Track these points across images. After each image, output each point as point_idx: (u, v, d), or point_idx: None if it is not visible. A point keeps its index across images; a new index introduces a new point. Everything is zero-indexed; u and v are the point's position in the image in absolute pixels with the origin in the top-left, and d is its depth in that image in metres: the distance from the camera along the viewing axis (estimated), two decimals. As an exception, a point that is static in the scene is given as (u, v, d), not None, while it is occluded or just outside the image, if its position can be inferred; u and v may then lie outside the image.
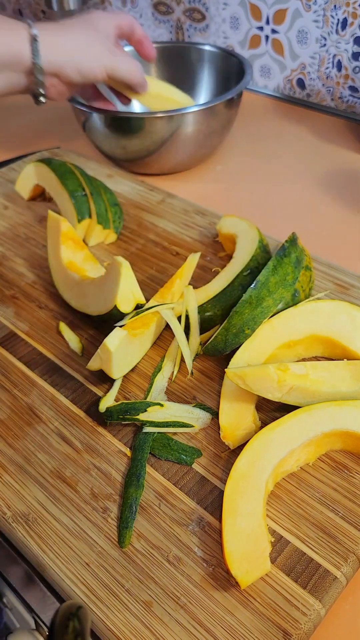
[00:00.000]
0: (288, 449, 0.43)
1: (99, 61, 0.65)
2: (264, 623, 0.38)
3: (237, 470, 0.43)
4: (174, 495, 0.45)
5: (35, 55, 0.61)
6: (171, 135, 0.74)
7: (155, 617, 0.38)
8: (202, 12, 1.02)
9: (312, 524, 0.42)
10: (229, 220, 0.63)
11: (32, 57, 0.61)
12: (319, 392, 0.47)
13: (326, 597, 0.39)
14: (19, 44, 0.61)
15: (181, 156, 0.79)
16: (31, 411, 0.51)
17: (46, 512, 0.44)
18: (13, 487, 0.46)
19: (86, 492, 0.45)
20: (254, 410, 0.49)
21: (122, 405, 0.48)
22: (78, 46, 0.64)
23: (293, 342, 0.51)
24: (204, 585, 0.40)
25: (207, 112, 0.74)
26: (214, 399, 0.51)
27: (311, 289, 0.57)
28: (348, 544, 0.41)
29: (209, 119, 0.75)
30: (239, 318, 0.51)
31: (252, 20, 0.96)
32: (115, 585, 0.40)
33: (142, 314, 0.53)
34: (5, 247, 0.70)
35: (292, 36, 0.93)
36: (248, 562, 0.39)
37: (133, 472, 0.46)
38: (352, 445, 0.46)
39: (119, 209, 0.70)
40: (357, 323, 0.51)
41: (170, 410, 0.49)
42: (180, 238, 0.68)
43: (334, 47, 0.89)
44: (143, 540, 0.42)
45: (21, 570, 0.43)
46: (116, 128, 0.75)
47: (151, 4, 1.09)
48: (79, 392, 0.53)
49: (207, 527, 0.43)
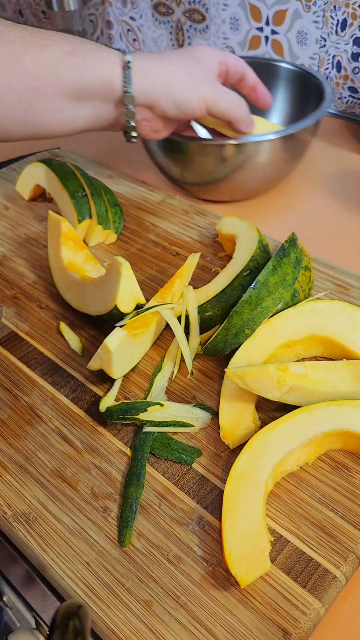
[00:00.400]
0: (288, 449, 0.43)
1: (198, 93, 0.58)
2: (264, 622, 0.38)
3: (237, 470, 0.43)
4: (174, 495, 0.45)
5: (127, 82, 0.55)
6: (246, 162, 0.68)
7: (155, 616, 0.39)
8: (202, 13, 1.02)
9: (311, 523, 0.42)
10: (229, 221, 0.63)
11: (124, 85, 0.55)
12: (319, 391, 0.47)
13: (326, 596, 0.39)
14: (109, 70, 0.55)
15: (250, 184, 0.73)
16: (32, 411, 0.51)
17: (47, 512, 0.44)
18: (14, 486, 0.46)
19: (86, 492, 0.45)
20: (253, 410, 0.49)
21: (122, 405, 0.48)
22: (175, 75, 0.57)
23: (293, 342, 0.51)
24: (204, 585, 0.40)
25: (286, 139, 0.68)
26: (214, 398, 0.51)
27: (311, 289, 0.57)
28: (348, 543, 0.41)
29: (286, 145, 0.69)
30: (239, 318, 0.51)
31: (252, 21, 0.96)
32: (116, 585, 0.40)
33: (142, 314, 0.53)
34: (6, 248, 0.70)
35: (291, 37, 0.93)
36: (248, 562, 0.39)
37: (133, 471, 0.46)
38: (351, 444, 0.46)
39: (120, 209, 0.70)
40: (356, 323, 0.51)
41: (170, 410, 0.49)
42: (180, 238, 0.68)
43: (333, 47, 0.90)
44: (143, 540, 0.42)
45: (22, 570, 0.43)
46: (189, 154, 0.68)
47: (151, 5, 1.09)
48: (79, 392, 0.53)
49: (207, 526, 0.43)
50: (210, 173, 0.70)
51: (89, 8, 1.21)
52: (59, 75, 0.54)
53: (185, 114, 0.59)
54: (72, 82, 0.55)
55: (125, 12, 1.15)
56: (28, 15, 1.37)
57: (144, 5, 1.10)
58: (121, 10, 1.15)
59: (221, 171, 0.69)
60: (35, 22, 1.37)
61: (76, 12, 1.15)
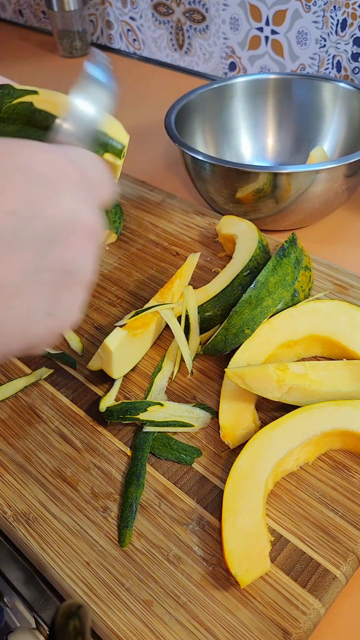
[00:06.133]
0: (288, 449, 0.43)
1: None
2: (264, 622, 0.38)
3: (237, 470, 0.43)
4: (174, 495, 0.45)
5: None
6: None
7: (155, 616, 0.39)
8: (202, 13, 1.02)
9: (311, 523, 0.42)
10: (229, 221, 0.63)
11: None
12: (319, 391, 0.47)
13: (326, 596, 0.39)
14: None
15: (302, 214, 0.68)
16: (32, 411, 0.51)
17: (47, 512, 0.44)
18: (14, 486, 0.46)
19: (86, 492, 0.45)
20: (253, 410, 0.49)
21: (122, 404, 0.48)
22: None
23: (292, 342, 0.51)
24: (204, 585, 0.40)
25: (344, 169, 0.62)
26: (214, 398, 0.51)
27: (311, 289, 0.57)
28: (347, 543, 0.41)
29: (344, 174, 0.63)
30: (239, 318, 0.51)
31: (252, 21, 0.96)
32: (116, 584, 0.40)
33: (142, 314, 0.53)
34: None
35: (291, 37, 0.93)
36: (248, 561, 0.39)
37: (133, 471, 0.46)
38: (351, 444, 0.46)
39: (120, 209, 0.70)
40: (356, 323, 0.51)
41: (171, 410, 0.49)
42: (180, 238, 0.68)
43: (333, 47, 0.90)
44: (143, 540, 0.42)
45: (22, 569, 0.43)
46: (237, 180, 0.64)
47: (151, 5, 1.09)
48: (79, 392, 0.53)
49: (207, 526, 0.43)
50: (267, 203, 0.65)
51: (89, 8, 1.21)
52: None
53: None
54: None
55: (125, 12, 1.15)
56: (28, 15, 1.37)
57: (144, 5, 1.10)
58: (121, 10, 1.15)
59: (268, 204, 0.65)
60: (35, 22, 1.37)
61: (76, 12, 1.15)
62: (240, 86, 0.79)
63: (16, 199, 0.27)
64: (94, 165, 0.32)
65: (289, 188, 0.62)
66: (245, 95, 0.80)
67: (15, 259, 0.26)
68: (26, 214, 0.27)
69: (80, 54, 1.22)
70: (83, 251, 0.29)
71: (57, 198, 0.28)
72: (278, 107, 0.80)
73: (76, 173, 0.30)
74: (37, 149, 0.29)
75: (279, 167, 0.63)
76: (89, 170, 0.31)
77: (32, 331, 0.29)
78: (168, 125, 0.70)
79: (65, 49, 1.22)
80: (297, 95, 0.79)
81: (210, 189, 0.68)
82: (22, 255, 0.27)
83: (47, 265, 0.28)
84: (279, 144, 0.82)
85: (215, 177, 0.66)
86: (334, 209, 0.69)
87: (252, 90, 0.79)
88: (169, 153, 0.90)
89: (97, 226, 0.30)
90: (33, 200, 0.27)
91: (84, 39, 1.21)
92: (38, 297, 0.28)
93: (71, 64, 1.21)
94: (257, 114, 0.81)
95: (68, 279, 0.29)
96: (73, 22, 1.17)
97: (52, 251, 0.28)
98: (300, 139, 0.80)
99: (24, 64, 1.23)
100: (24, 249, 0.27)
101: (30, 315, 0.28)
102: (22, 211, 0.27)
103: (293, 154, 0.81)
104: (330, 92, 0.76)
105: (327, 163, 0.61)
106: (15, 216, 0.26)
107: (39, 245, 0.27)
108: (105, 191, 0.33)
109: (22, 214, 0.27)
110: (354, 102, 0.74)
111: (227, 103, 0.80)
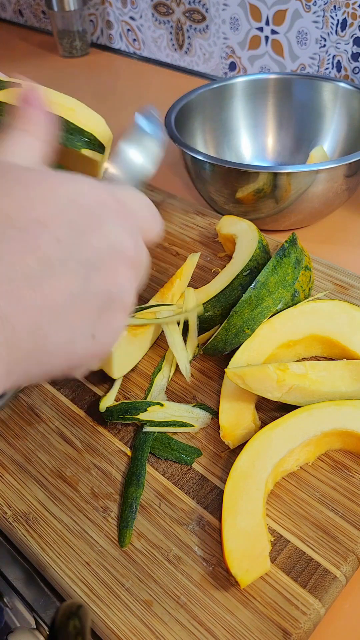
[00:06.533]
0: (288, 449, 0.43)
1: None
2: (264, 622, 0.38)
3: (237, 470, 0.43)
4: (174, 495, 0.45)
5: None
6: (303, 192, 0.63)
7: (155, 616, 0.39)
8: (202, 13, 1.02)
9: (311, 523, 0.42)
10: (229, 221, 0.63)
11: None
12: (319, 391, 0.47)
13: (326, 596, 0.39)
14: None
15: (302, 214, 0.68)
16: (32, 411, 0.51)
17: (46, 512, 0.44)
18: (13, 486, 0.46)
19: (86, 492, 0.45)
20: (253, 410, 0.49)
21: (122, 404, 0.48)
22: None
23: (292, 342, 0.51)
24: (204, 585, 0.40)
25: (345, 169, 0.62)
26: (214, 398, 0.51)
27: (311, 289, 0.57)
28: (348, 543, 0.41)
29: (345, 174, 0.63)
30: (239, 318, 0.51)
31: (252, 21, 0.96)
32: (116, 585, 0.40)
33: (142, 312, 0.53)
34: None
35: (291, 37, 0.93)
36: (248, 561, 0.39)
37: (133, 471, 0.46)
38: (351, 444, 0.46)
39: (119, 209, 0.70)
40: (356, 323, 0.51)
41: (170, 410, 0.49)
42: (180, 238, 0.68)
43: (333, 47, 0.90)
44: (143, 540, 0.42)
45: (21, 570, 0.43)
46: (237, 180, 0.63)
47: (151, 5, 1.09)
48: (79, 392, 0.53)
49: (207, 526, 0.43)
50: (268, 203, 0.65)
51: (89, 8, 1.21)
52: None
53: None
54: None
55: (125, 12, 1.15)
56: (28, 15, 1.37)
57: (144, 5, 1.10)
58: (121, 10, 1.15)
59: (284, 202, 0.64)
60: (35, 22, 1.37)
61: (76, 12, 1.15)
62: (240, 86, 0.79)
63: (63, 228, 0.28)
64: (139, 201, 0.34)
65: (289, 188, 0.62)
66: (245, 95, 0.80)
67: (61, 283, 0.28)
68: (72, 242, 0.29)
69: (81, 53, 1.22)
70: (124, 278, 0.31)
71: (100, 228, 0.30)
72: (278, 107, 0.80)
73: (120, 207, 0.32)
74: (85, 182, 0.31)
75: (279, 167, 0.63)
76: (133, 206, 0.33)
77: (75, 353, 0.30)
78: (168, 125, 0.70)
79: (65, 49, 1.22)
80: (297, 95, 0.79)
81: (210, 189, 0.68)
82: (67, 280, 0.28)
83: (90, 289, 0.29)
84: (279, 144, 0.82)
85: (215, 177, 0.66)
86: (334, 209, 0.69)
87: (252, 90, 0.79)
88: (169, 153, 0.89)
89: (139, 256, 0.32)
90: (79, 230, 0.29)
91: (84, 39, 1.21)
92: (82, 320, 0.30)
93: (71, 64, 1.21)
94: (257, 114, 0.81)
95: (110, 304, 0.31)
96: (73, 22, 1.17)
97: (96, 277, 0.30)
98: (300, 139, 0.80)
99: (24, 64, 1.23)
100: (69, 273, 0.28)
101: (74, 337, 0.30)
102: (68, 239, 0.28)
103: (293, 154, 0.81)
104: (330, 92, 0.76)
105: (327, 163, 0.61)
106: (61, 243, 0.28)
107: (83, 271, 0.29)
108: (151, 227, 0.35)
109: (68, 242, 0.28)
110: (354, 102, 0.74)
111: (227, 103, 0.80)
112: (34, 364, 0.29)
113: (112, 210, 0.31)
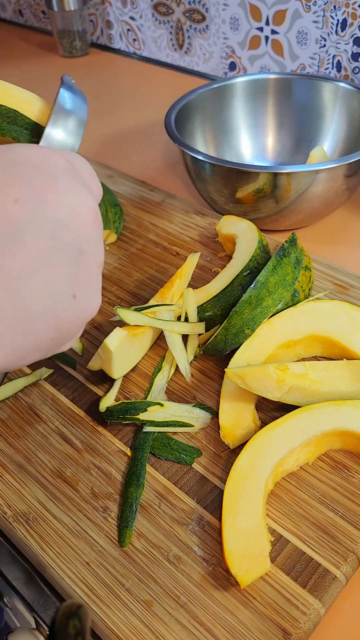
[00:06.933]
0: (288, 449, 0.43)
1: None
2: (264, 622, 0.38)
3: (237, 470, 0.43)
4: (174, 495, 0.45)
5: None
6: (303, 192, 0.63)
7: (155, 616, 0.39)
8: (202, 12, 1.02)
9: (311, 523, 0.42)
10: (229, 221, 0.63)
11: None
12: (319, 391, 0.47)
13: (326, 596, 0.39)
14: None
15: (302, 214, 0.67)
16: (32, 411, 0.51)
17: (46, 512, 0.44)
18: (13, 486, 0.46)
19: (86, 492, 0.45)
20: (253, 410, 0.49)
21: (122, 404, 0.48)
22: None
23: (292, 342, 0.51)
24: (204, 585, 0.40)
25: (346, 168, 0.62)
26: (214, 398, 0.51)
27: (311, 289, 0.57)
28: (348, 543, 0.41)
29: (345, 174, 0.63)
30: (239, 318, 0.51)
31: (252, 21, 0.96)
32: (116, 585, 0.40)
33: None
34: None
35: (291, 37, 0.93)
36: (248, 561, 0.39)
37: (133, 471, 0.46)
38: (351, 444, 0.46)
39: (120, 209, 0.70)
40: (356, 323, 0.51)
41: (171, 410, 0.49)
42: (180, 238, 0.68)
43: (333, 47, 0.90)
44: (143, 540, 0.42)
45: (21, 570, 0.43)
46: (238, 181, 0.63)
47: (151, 5, 1.09)
48: (79, 392, 0.53)
49: (207, 526, 0.43)
50: (267, 204, 0.65)
51: (89, 8, 1.21)
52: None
53: None
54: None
55: (125, 12, 1.15)
56: (28, 15, 1.37)
57: (144, 5, 1.10)
58: (121, 10, 1.15)
59: (269, 204, 0.65)
60: (35, 22, 1.37)
61: (76, 12, 1.15)
62: (240, 86, 0.79)
63: (18, 189, 0.29)
64: (81, 161, 0.34)
65: (289, 188, 0.62)
66: (245, 95, 0.80)
67: (29, 242, 0.28)
68: (30, 201, 0.29)
69: (80, 53, 1.22)
70: (91, 231, 0.31)
71: (56, 184, 0.30)
72: (278, 107, 0.80)
73: (68, 165, 0.32)
74: (28, 146, 0.31)
75: (279, 167, 0.63)
76: (78, 164, 0.33)
77: (59, 316, 0.30)
78: (168, 125, 0.70)
79: (65, 49, 1.22)
80: (297, 95, 0.78)
81: (210, 189, 0.68)
82: (35, 239, 0.29)
83: (59, 245, 0.30)
84: (279, 144, 0.81)
85: (215, 177, 0.66)
86: (334, 209, 0.69)
87: (252, 90, 0.79)
88: (169, 153, 0.90)
89: (97, 210, 0.32)
90: (35, 188, 0.29)
91: (84, 39, 1.21)
92: (58, 279, 0.30)
93: (71, 64, 1.21)
94: (257, 114, 0.81)
95: (82, 259, 0.31)
96: (73, 22, 1.17)
97: (62, 233, 0.30)
98: (300, 139, 0.80)
99: (24, 64, 1.23)
100: (34, 233, 0.29)
101: (54, 297, 0.30)
102: (27, 199, 0.29)
103: (293, 154, 0.81)
104: (330, 92, 0.76)
105: (327, 163, 0.61)
106: (19, 204, 0.28)
107: (49, 228, 0.29)
108: (95, 185, 0.35)
109: (27, 202, 0.29)
110: (354, 102, 0.74)
111: (227, 103, 0.79)
112: (19, 333, 0.29)
113: (61, 167, 0.31)
